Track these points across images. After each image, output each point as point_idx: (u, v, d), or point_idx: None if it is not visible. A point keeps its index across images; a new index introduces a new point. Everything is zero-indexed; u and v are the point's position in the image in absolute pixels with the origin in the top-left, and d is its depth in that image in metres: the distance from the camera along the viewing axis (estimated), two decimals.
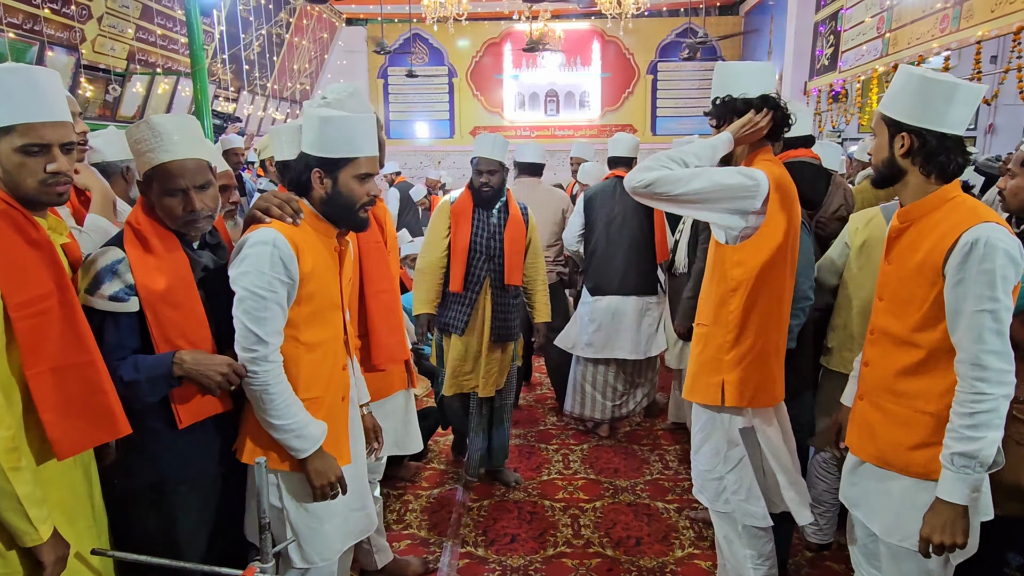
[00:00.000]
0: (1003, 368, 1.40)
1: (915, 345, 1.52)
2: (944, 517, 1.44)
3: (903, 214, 1.57)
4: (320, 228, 1.73)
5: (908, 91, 1.50)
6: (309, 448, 1.64)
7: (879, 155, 1.57)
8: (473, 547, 2.78)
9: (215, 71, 7.10)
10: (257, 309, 1.56)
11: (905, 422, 1.54)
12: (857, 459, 1.68)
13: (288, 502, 1.70)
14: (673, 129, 11.13)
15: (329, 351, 1.74)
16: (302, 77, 9.59)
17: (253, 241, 1.59)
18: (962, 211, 1.46)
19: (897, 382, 1.56)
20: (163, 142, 1.55)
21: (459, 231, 3.00)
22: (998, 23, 4.19)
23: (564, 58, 10.95)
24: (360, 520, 1.88)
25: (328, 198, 1.70)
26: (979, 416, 1.39)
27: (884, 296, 1.62)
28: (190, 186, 1.57)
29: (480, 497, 3.20)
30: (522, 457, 3.64)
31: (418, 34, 10.77)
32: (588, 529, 2.91)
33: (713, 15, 10.56)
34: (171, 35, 6.45)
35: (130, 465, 1.63)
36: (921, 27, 5.17)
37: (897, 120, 1.51)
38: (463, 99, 11.25)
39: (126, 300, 1.53)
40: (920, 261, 1.49)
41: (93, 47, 5.45)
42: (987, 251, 1.38)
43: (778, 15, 8.78)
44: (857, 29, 6.33)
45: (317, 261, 1.68)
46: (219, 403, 1.65)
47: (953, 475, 1.42)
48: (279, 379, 1.60)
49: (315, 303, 1.68)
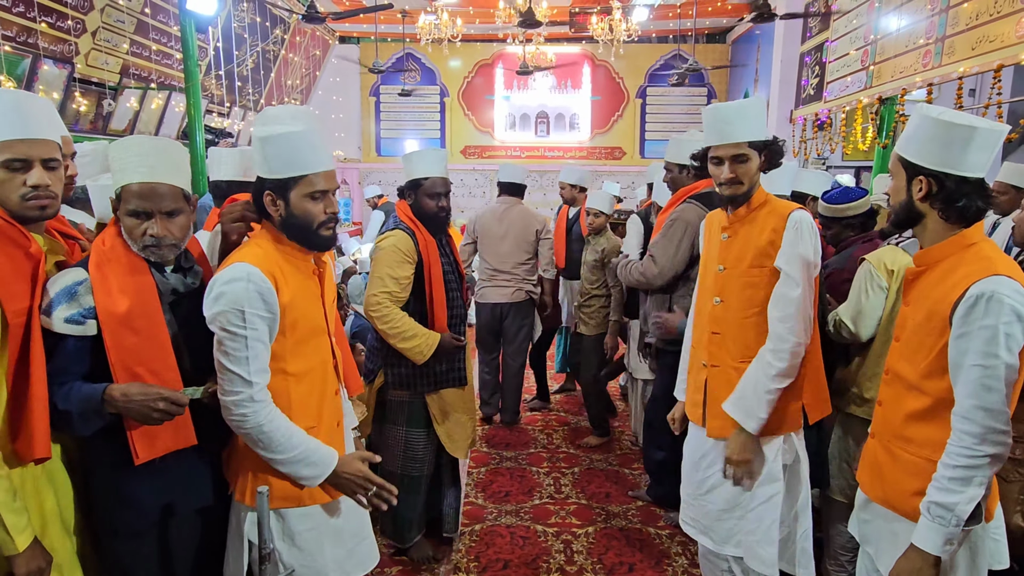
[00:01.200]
0: (995, 427, 1.36)
1: (923, 392, 1.50)
2: (914, 564, 1.42)
3: (920, 258, 1.55)
4: (292, 252, 1.65)
5: (926, 133, 1.45)
6: (323, 473, 1.59)
7: (897, 197, 1.54)
8: (466, 573, 2.76)
9: (208, 86, 7.10)
10: (237, 349, 1.50)
11: (911, 468, 1.52)
12: (866, 498, 1.69)
13: (279, 542, 1.65)
14: (661, 152, 11.26)
15: (318, 378, 1.70)
16: (294, 93, 9.62)
17: (227, 278, 1.51)
18: (977, 261, 1.42)
19: (906, 427, 1.54)
20: (139, 162, 1.50)
21: (433, 265, 2.55)
22: (979, 60, 4.33)
23: (555, 80, 11.09)
24: (362, 551, 1.83)
25: (284, 220, 1.61)
26: (962, 471, 1.37)
27: (900, 338, 1.60)
28: (155, 211, 1.51)
29: (472, 521, 3.18)
30: (513, 480, 3.63)
31: (411, 53, 10.86)
32: (581, 555, 2.90)
33: (701, 43, 10.78)
34: (166, 50, 6.45)
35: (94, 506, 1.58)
36: (904, 61, 5.32)
37: (915, 163, 1.47)
38: (454, 118, 11.34)
39: (82, 323, 1.46)
40: (930, 309, 1.47)
41: (87, 60, 5.44)
42: (991, 306, 1.35)
43: (765, 45, 8.99)
44: (842, 61, 6.50)
45: (296, 288, 1.62)
46: (182, 435, 1.56)
47: (928, 523, 1.41)
48: (271, 415, 1.54)
49: (299, 331, 1.63)
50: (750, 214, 1.97)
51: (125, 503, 1.55)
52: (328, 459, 1.61)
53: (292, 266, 1.64)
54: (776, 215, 1.92)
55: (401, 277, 2.50)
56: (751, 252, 1.93)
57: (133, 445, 1.50)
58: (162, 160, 1.53)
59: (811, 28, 7.40)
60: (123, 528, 1.57)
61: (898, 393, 1.58)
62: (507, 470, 3.76)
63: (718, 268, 2.01)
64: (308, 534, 1.68)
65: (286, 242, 1.64)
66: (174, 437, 1.55)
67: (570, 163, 5.90)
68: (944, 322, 1.43)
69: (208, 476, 1.67)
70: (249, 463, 1.63)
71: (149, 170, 1.51)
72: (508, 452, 4.01)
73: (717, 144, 1.94)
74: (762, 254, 1.91)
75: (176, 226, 1.55)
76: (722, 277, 2.00)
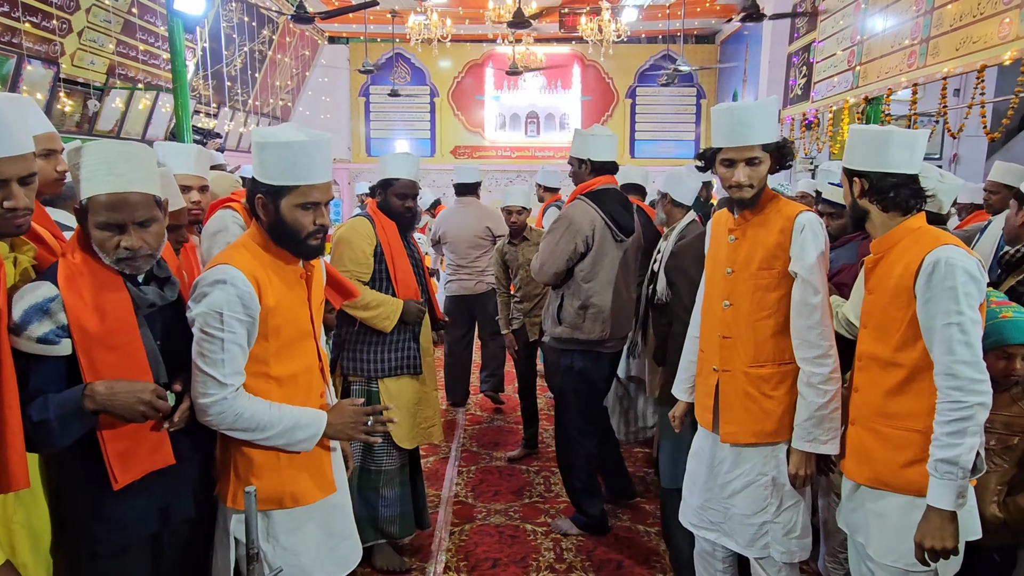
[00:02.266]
0: (974, 377, 1.50)
1: (898, 365, 1.62)
2: (935, 523, 1.52)
3: (875, 246, 1.73)
4: (280, 256, 1.64)
5: (855, 143, 1.74)
6: (318, 429, 1.62)
7: (846, 200, 1.78)
8: (455, 572, 2.77)
9: (196, 86, 7.06)
10: (213, 351, 1.49)
11: (898, 442, 1.62)
12: (854, 484, 1.75)
13: (264, 541, 1.65)
14: (651, 152, 11.34)
15: (302, 382, 1.69)
16: (283, 93, 9.58)
17: (210, 280, 1.51)
18: (926, 238, 1.62)
19: (886, 404, 1.65)
20: (107, 170, 1.42)
21: (392, 243, 2.62)
22: (962, 60, 4.38)
23: (545, 81, 11.11)
24: (344, 551, 1.83)
25: (272, 225, 1.60)
26: (956, 423, 1.49)
27: (868, 324, 1.72)
28: (128, 222, 1.43)
29: (462, 521, 3.19)
30: (503, 479, 3.64)
31: (400, 54, 10.85)
32: (570, 553, 2.91)
33: (690, 43, 10.83)
34: (153, 50, 6.41)
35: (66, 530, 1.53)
36: (890, 61, 5.37)
37: (850, 168, 1.74)
38: (444, 119, 11.33)
39: (56, 343, 1.38)
40: (894, 286, 1.62)
41: (72, 61, 5.40)
42: (947, 270, 1.53)
43: (753, 45, 9.05)
44: (829, 61, 6.55)
45: (280, 293, 1.61)
46: (160, 455, 1.51)
47: (939, 482, 1.51)
48: (244, 402, 1.54)
49: (283, 336, 1.62)
50: (757, 216, 1.94)
51: (105, 524, 1.50)
52: (317, 415, 1.62)
53: (278, 271, 1.63)
54: (783, 216, 1.90)
55: (359, 253, 2.57)
56: (760, 254, 1.90)
57: (111, 468, 1.44)
58: (132, 167, 1.45)
59: (799, 29, 7.45)
60: (103, 549, 1.52)
61: (873, 375, 1.69)
62: (496, 469, 3.77)
63: (726, 271, 1.98)
64: (292, 535, 1.68)
65: (273, 247, 1.63)
66: (151, 457, 1.50)
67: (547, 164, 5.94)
68: (909, 293, 1.59)
69: (189, 491, 1.63)
70: (234, 465, 1.63)
71: (118, 179, 1.43)
72: (498, 452, 4.01)
73: (730, 146, 1.88)
74: (770, 255, 1.89)
75: (151, 235, 1.48)
76: (731, 280, 1.97)
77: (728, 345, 1.98)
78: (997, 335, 1.75)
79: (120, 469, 1.45)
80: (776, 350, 1.91)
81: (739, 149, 1.87)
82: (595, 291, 2.83)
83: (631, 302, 3.03)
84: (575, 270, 2.84)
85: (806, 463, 1.87)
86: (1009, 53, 3.88)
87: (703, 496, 2.07)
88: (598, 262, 2.82)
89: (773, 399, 1.91)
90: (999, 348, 1.77)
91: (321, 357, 1.78)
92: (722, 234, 2.04)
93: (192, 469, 1.64)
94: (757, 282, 1.91)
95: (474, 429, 4.38)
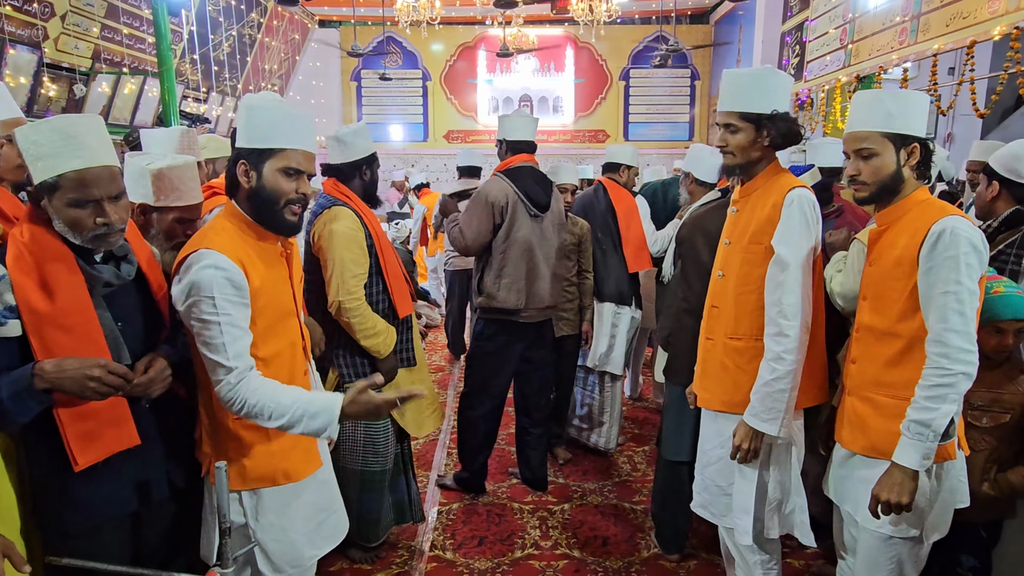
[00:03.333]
0: (963, 347, 1.52)
1: (896, 335, 1.64)
2: (896, 478, 1.56)
3: (882, 217, 1.71)
4: (259, 234, 1.62)
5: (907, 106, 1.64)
6: (331, 419, 1.51)
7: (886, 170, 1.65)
8: (441, 551, 2.79)
9: (183, 71, 6.99)
10: (213, 337, 1.47)
11: (892, 411, 1.63)
12: (846, 453, 1.77)
13: (252, 519, 1.66)
14: (644, 135, 11.27)
15: (286, 360, 1.68)
16: (273, 78, 9.50)
17: (194, 265, 1.47)
18: (932, 209, 1.62)
19: (883, 374, 1.67)
20: (73, 146, 1.39)
21: (385, 247, 2.49)
22: (953, 37, 4.34)
23: (538, 63, 11.02)
24: (332, 524, 1.84)
25: (252, 193, 1.57)
26: (937, 389, 1.52)
27: (868, 295, 1.73)
28: (104, 196, 1.42)
29: (449, 500, 3.20)
30: (492, 460, 3.65)
31: (392, 37, 10.74)
32: (556, 531, 2.93)
33: (684, 23, 10.73)
34: (138, 34, 6.33)
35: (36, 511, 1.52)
36: (882, 39, 5.33)
37: (905, 134, 1.64)
38: (437, 103, 11.25)
39: (3, 323, 1.36)
40: (898, 256, 1.62)
41: (56, 45, 5.33)
42: (952, 239, 1.53)
43: (747, 25, 8.97)
44: (822, 40, 6.50)
45: (263, 273, 1.59)
46: (124, 436, 1.48)
47: (909, 441, 1.55)
48: (252, 388, 1.49)
49: (268, 316, 1.61)
50: (756, 190, 1.93)
51: (74, 505, 1.49)
52: (329, 404, 1.52)
53: (259, 250, 1.61)
54: (777, 190, 1.87)
55: (359, 253, 2.35)
56: (752, 227, 1.90)
57: (70, 450, 1.41)
58: (98, 141, 1.43)
59: (792, 7, 7.38)
60: (73, 529, 1.51)
61: (870, 346, 1.71)
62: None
63: (725, 242, 2.01)
64: (280, 511, 1.69)
65: (252, 225, 1.61)
66: (116, 438, 1.47)
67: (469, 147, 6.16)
68: (912, 263, 1.59)
69: (164, 471, 1.62)
70: (223, 445, 1.63)
71: (90, 153, 1.41)
72: None
73: (719, 111, 1.93)
74: (760, 231, 1.88)
75: (122, 208, 1.47)
76: (726, 251, 1.99)
77: (714, 315, 2.01)
78: (989, 311, 1.75)
79: (80, 450, 1.43)
80: (753, 325, 1.92)
81: (722, 114, 1.90)
82: (509, 260, 2.94)
83: (552, 276, 3.10)
84: (492, 243, 2.95)
85: (748, 437, 1.87)
86: (999, 28, 3.85)
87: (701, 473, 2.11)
88: (512, 234, 2.93)
89: (746, 372, 1.92)
90: (990, 324, 1.77)
91: (303, 335, 1.78)
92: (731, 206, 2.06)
93: (167, 448, 1.64)
94: (746, 256, 1.92)
95: None
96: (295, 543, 1.72)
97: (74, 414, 1.42)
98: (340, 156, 2.46)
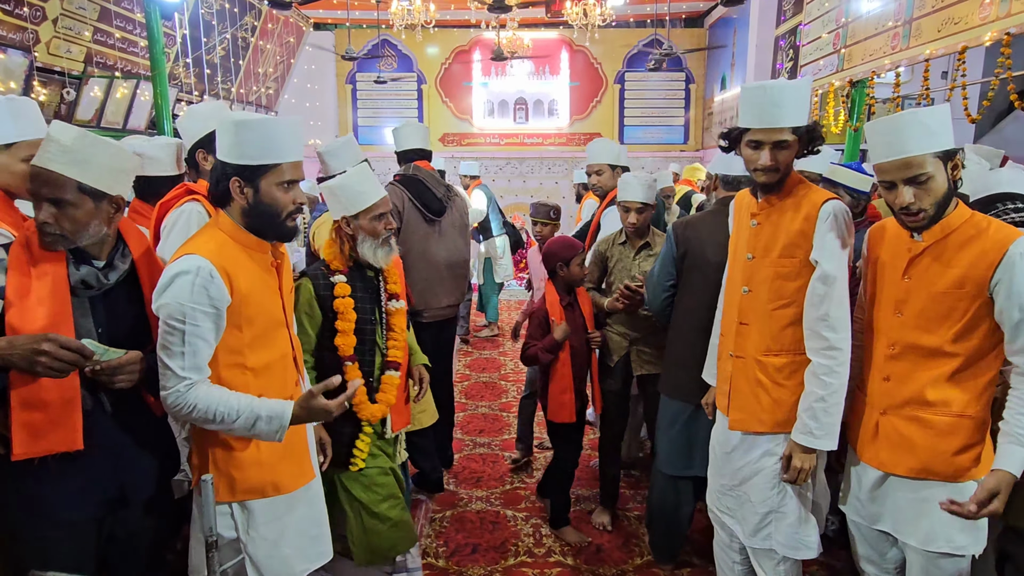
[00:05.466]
0: None
1: (952, 355, 1.60)
2: (1004, 483, 1.51)
3: (930, 234, 1.62)
4: (250, 243, 1.63)
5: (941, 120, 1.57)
6: (282, 421, 1.54)
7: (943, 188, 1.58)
8: (434, 558, 2.77)
9: (177, 75, 6.97)
10: (174, 344, 1.48)
11: (947, 429, 1.61)
12: (880, 475, 1.72)
13: (243, 533, 1.65)
14: (640, 138, 11.29)
15: (277, 371, 1.69)
16: (268, 81, 9.47)
17: (175, 271, 1.50)
18: (999, 228, 1.58)
19: (932, 392, 1.62)
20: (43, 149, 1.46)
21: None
22: (945, 42, 4.36)
23: (533, 66, 11.02)
24: (324, 540, 1.83)
25: (250, 208, 1.59)
26: None
27: (905, 311, 1.67)
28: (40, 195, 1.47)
29: (443, 507, 3.19)
30: (486, 465, 3.64)
31: (387, 40, 10.73)
32: (549, 539, 2.92)
33: (679, 27, 10.75)
34: (131, 37, 6.31)
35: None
36: (874, 44, 5.34)
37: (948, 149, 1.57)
38: (432, 106, 11.24)
39: None
40: (960, 277, 1.57)
41: (48, 49, 5.31)
42: None
43: (741, 29, 8.99)
44: (815, 44, 6.51)
45: (252, 281, 1.60)
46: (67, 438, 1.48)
47: (1013, 447, 1.52)
48: (201, 392, 1.50)
49: (256, 326, 1.61)
50: (781, 201, 1.86)
51: (25, 503, 1.49)
52: (280, 407, 1.55)
53: (248, 259, 1.61)
54: (809, 203, 1.81)
55: None
56: (781, 240, 1.83)
57: (12, 437, 1.43)
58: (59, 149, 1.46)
59: (785, 11, 7.40)
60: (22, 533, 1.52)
61: (913, 364, 1.66)
62: (480, 456, 3.77)
63: (747, 256, 1.93)
64: (272, 524, 1.68)
65: (243, 234, 1.61)
66: (60, 439, 1.47)
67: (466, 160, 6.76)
68: (979, 286, 1.56)
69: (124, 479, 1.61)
70: (212, 457, 1.62)
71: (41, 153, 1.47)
72: (482, 438, 4.02)
73: (759, 127, 1.79)
74: (793, 244, 1.82)
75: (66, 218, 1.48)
76: (751, 266, 1.91)
77: (743, 332, 1.93)
78: None
79: (19, 440, 1.44)
80: (792, 340, 1.86)
81: (768, 131, 1.78)
82: (408, 265, 3.00)
83: (452, 277, 3.22)
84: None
85: (802, 456, 1.81)
86: (990, 34, 3.86)
87: (719, 481, 2.07)
88: (408, 239, 3.09)
89: (785, 388, 1.87)
90: None
91: (294, 346, 1.77)
92: (744, 218, 1.97)
93: (130, 457, 1.62)
94: (777, 270, 1.85)
95: (459, 417, 4.38)
96: (287, 558, 1.71)
97: (25, 401, 1.43)
98: (328, 170, 2.56)
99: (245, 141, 1.56)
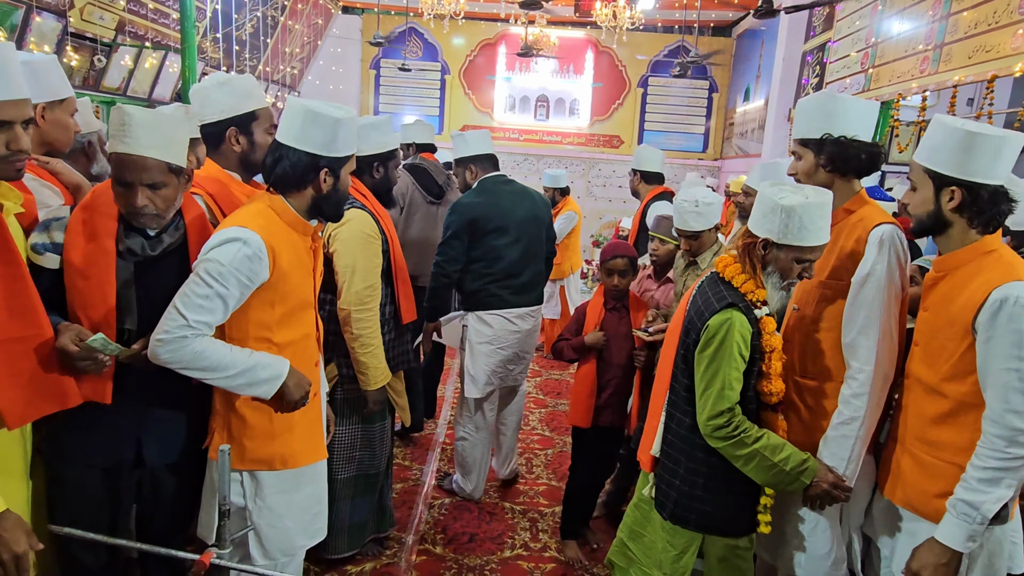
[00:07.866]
0: (1022, 428, 1.38)
1: (943, 395, 1.53)
2: (936, 557, 1.46)
3: (940, 264, 1.58)
4: (299, 227, 1.72)
5: (953, 144, 1.47)
6: (282, 373, 1.63)
7: (923, 207, 1.54)
8: (431, 545, 2.82)
9: (205, 49, 7.02)
10: (197, 295, 1.52)
11: (934, 472, 1.55)
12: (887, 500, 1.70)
13: (250, 501, 1.70)
14: (659, 143, 11.26)
15: (300, 349, 1.75)
16: (294, 61, 9.52)
17: (231, 235, 1.56)
18: (998, 267, 1.46)
19: (928, 430, 1.57)
20: (124, 133, 1.53)
21: (397, 252, 2.45)
22: (974, 69, 4.34)
23: (557, 65, 11.01)
24: (323, 517, 1.88)
25: (327, 195, 1.71)
26: (992, 472, 1.41)
27: (920, 342, 1.62)
28: (136, 182, 1.53)
29: (441, 496, 3.23)
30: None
31: (413, 28, 10.75)
32: (546, 534, 2.96)
33: (706, 35, 10.71)
34: (163, 9, 6.35)
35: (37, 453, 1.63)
36: (903, 66, 5.32)
37: (943, 174, 1.49)
38: (454, 96, 11.25)
39: (42, 254, 1.55)
40: (953, 316, 1.50)
41: (82, 15, 5.36)
42: (1016, 310, 1.38)
43: (769, 41, 8.95)
44: (842, 62, 6.49)
45: (293, 261, 1.67)
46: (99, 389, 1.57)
47: (954, 520, 1.45)
48: (204, 343, 1.53)
49: (288, 303, 1.68)
50: (836, 223, 1.77)
51: (60, 450, 1.62)
52: (280, 361, 1.65)
53: (291, 240, 1.68)
54: (862, 227, 1.74)
55: (376, 262, 2.30)
56: (831, 262, 1.77)
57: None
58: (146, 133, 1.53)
59: (815, 27, 7.38)
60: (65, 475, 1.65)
61: (918, 397, 1.61)
62: None
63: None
64: (278, 496, 1.73)
65: (294, 216, 1.69)
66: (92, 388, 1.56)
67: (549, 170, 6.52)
68: (966, 328, 1.46)
69: (170, 438, 1.71)
70: (227, 423, 1.68)
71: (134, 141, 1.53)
72: None
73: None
74: (841, 267, 1.75)
75: (160, 198, 1.57)
76: (801, 285, 1.84)
77: (786, 350, 1.85)
78: None
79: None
80: (826, 365, 1.80)
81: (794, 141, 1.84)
82: (411, 239, 3.49)
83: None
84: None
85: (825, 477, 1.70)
86: (1020, 65, 3.85)
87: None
88: (409, 217, 3.65)
89: (815, 413, 1.81)
90: None
91: (318, 326, 1.85)
92: None
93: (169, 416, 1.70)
94: (824, 291, 1.78)
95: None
96: (288, 530, 1.76)
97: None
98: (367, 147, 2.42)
99: (342, 137, 1.68)
